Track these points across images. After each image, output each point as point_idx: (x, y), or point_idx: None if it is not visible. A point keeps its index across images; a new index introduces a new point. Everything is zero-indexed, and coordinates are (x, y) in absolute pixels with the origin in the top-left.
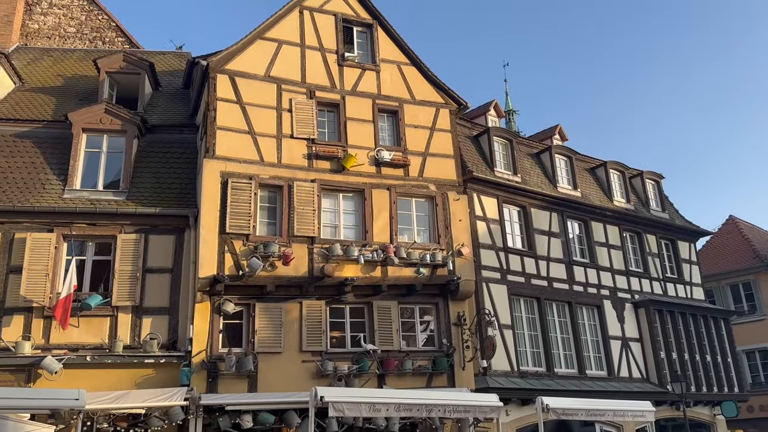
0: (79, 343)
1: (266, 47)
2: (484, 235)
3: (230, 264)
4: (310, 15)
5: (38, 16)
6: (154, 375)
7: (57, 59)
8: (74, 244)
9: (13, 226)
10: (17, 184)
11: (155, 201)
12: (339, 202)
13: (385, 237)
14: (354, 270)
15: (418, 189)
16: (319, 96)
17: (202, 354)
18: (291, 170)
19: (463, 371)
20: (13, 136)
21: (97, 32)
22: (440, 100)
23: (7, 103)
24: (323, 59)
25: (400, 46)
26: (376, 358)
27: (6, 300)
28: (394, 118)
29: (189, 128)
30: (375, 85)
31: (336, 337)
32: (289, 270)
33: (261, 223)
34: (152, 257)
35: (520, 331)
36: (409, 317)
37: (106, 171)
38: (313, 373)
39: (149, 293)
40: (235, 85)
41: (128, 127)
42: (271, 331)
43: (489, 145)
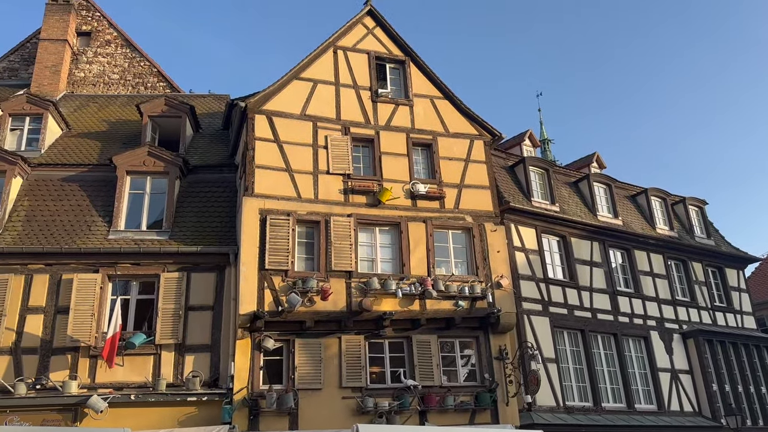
0: (124, 381)
1: (302, 87)
2: (524, 266)
3: (270, 300)
4: (343, 54)
5: (84, 65)
6: (197, 413)
7: (102, 105)
8: (119, 284)
9: (60, 267)
10: (64, 227)
11: (197, 239)
12: (375, 235)
13: (422, 270)
14: (392, 304)
15: (454, 221)
16: (354, 132)
17: (244, 391)
18: (328, 205)
19: (507, 407)
20: (60, 180)
21: (139, 78)
22: (474, 132)
23: (55, 149)
24: (357, 96)
25: (433, 80)
26: (416, 394)
27: (54, 340)
28: (429, 151)
29: (228, 168)
30: (409, 119)
31: (375, 373)
32: (328, 305)
33: (299, 259)
34: (194, 295)
35: (564, 364)
36: (449, 351)
37: (149, 211)
38: (353, 410)
39: (191, 331)
40: (273, 124)
41: (170, 169)
42: (311, 367)
43: (525, 175)
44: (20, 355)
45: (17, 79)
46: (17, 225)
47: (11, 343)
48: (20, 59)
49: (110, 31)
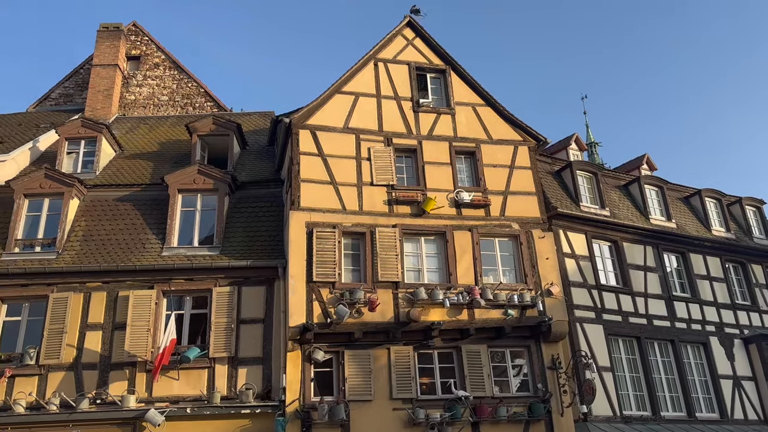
0: (180, 395)
1: (344, 100)
2: (574, 273)
3: (318, 312)
4: (384, 66)
5: (134, 88)
6: (251, 425)
7: (152, 126)
8: (173, 300)
9: (117, 284)
10: (120, 245)
11: (246, 254)
12: (421, 245)
13: (469, 279)
14: (440, 314)
15: (500, 228)
16: (396, 143)
17: (296, 403)
18: (372, 217)
19: (561, 418)
20: (115, 200)
21: (187, 99)
22: (518, 138)
23: (109, 170)
24: (399, 107)
25: (474, 88)
26: (468, 404)
27: (112, 355)
28: (472, 159)
29: (275, 183)
30: (451, 127)
31: (425, 384)
32: (375, 316)
33: (346, 271)
34: (245, 308)
35: (620, 373)
36: (499, 361)
37: (200, 228)
38: (404, 422)
39: (243, 344)
40: (317, 138)
41: (219, 186)
42: (361, 378)
43: (573, 180)
44: (81, 371)
45: (72, 104)
46: (75, 245)
47: (72, 359)
48: (74, 85)
49: (158, 54)
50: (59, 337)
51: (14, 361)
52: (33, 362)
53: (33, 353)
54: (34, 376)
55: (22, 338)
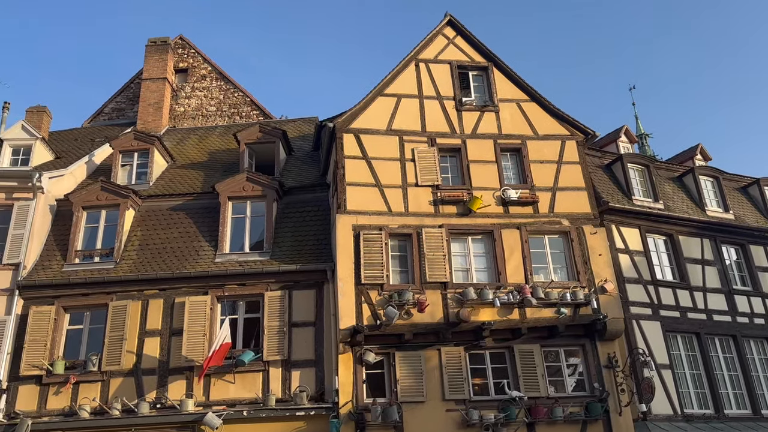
0: (236, 398)
1: (386, 103)
2: (629, 269)
3: (368, 314)
4: (425, 67)
5: (183, 100)
6: (306, 427)
7: (201, 136)
8: (227, 304)
9: (173, 291)
10: (174, 253)
11: (295, 258)
12: (468, 245)
13: (519, 277)
14: (490, 314)
15: (550, 225)
16: (440, 143)
17: (349, 405)
18: (418, 218)
19: (620, 417)
20: (168, 209)
21: (234, 108)
22: (565, 132)
23: (162, 181)
24: (441, 107)
25: (518, 83)
26: (522, 405)
27: (170, 361)
28: (518, 155)
29: (321, 187)
30: (495, 125)
31: (478, 385)
32: (425, 317)
33: (394, 272)
34: (296, 312)
35: (680, 370)
36: (553, 361)
37: (250, 234)
38: (458, 423)
39: (296, 347)
40: (360, 141)
41: (268, 192)
42: (413, 379)
43: (624, 173)
44: (141, 376)
45: (124, 118)
46: (132, 254)
47: (132, 365)
48: (126, 99)
49: (205, 66)
50: (119, 344)
51: (78, 368)
52: (95, 369)
53: (95, 360)
54: (97, 382)
55: (84, 346)
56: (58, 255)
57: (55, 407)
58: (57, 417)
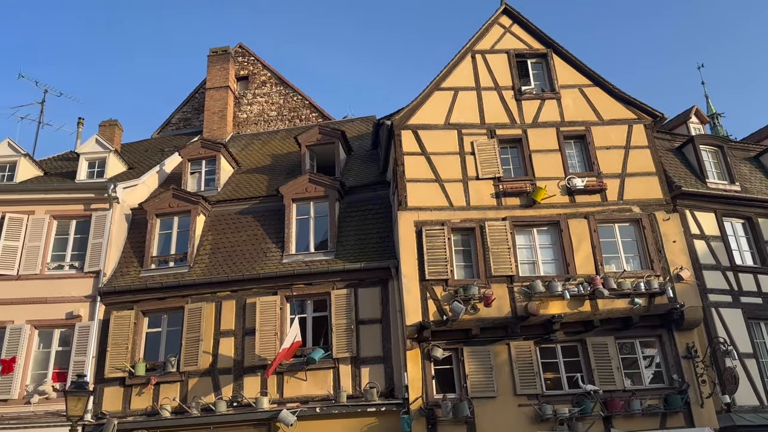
0: (308, 395)
1: (443, 97)
2: (705, 255)
3: (433, 310)
4: (482, 57)
5: (245, 107)
6: (377, 423)
7: (264, 141)
8: (295, 304)
9: (244, 293)
10: (244, 255)
11: (359, 256)
12: (534, 237)
13: (589, 268)
14: (560, 306)
15: (619, 213)
16: (500, 134)
17: (419, 401)
18: (481, 211)
19: (701, 409)
20: (236, 213)
21: (294, 112)
22: (632, 116)
23: (229, 186)
24: (500, 97)
25: (579, 68)
26: (598, 399)
27: (244, 360)
28: (582, 142)
29: (381, 185)
30: (557, 112)
31: (550, 379)
32: (492, 311)
33: (458, 267)
34: (362, 309)
35: (765, 359)
36: (629, 353)
37: (315, 234)
38: (531, 418)
39: (364, 344)
40: (419, 137)
41: (330, 192)
42: (483, 375)
43: (696, 156)
44: (217, 376)
45: (191, 127)
46: (204, 258)
47: (209, 365)
48: (191, 109)
49: (264, 72)
50: (196, 345)
51: (158, 369)
52: (174, 369)
53: (174, 361)
54: (176, 383)
55: (163, 348)
56: (135, 261)
57: (138, 407)
58: (140, 416)
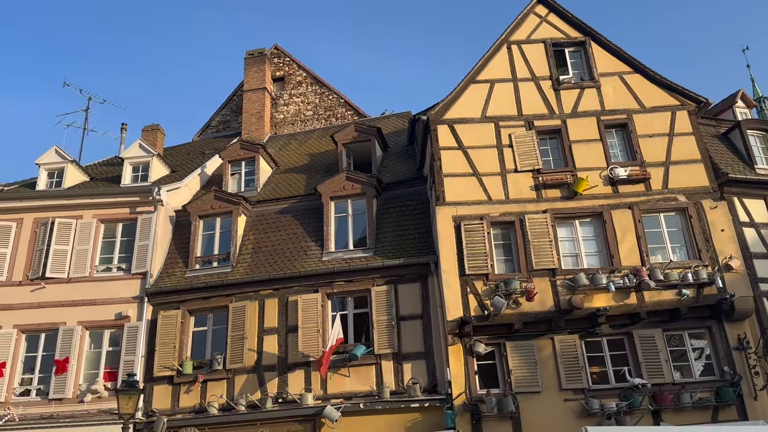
0: (352, 391)
1: (479, 90)
2: (756, 244)
3: (474, 305)
4: (518, 48)
5: (282, 108)
6: (421, 419)
7: (301, 141)
8: (336, 301)
9: (285, 291)
10: (284, 254)
11: (398, 252)
12: (576, 229)
13: (634, 260)
14: (605, 299)
15: (665, 202)
16: (538, 125)
17: (462, 396)
18: (520, 204)
19: (755, 402)
20: (276, 213)
21: (330, 110)
22: (675, 103)
23: (268, 186)
24: (537, 88)
25: (619, 55)
26: (646, 392)
27: (288, 357)
28: (624, 131)
29: (418, 181)
30: (597, 101)
31: (596, 373)
32: (534, 305)
33: (498, 261)
34: (403, 305)
35: None
36: (677, 345)
37: (353, 231)
38: (577, 412)
39: (405, 340)
40: (455, 132)
41: (367, 190)
42: (527, 370)
43: (743, 141)
44: (262, 373)
45: (230, 129)
46: (246, 257)
47: (254, 362)
48: (230, 111)
49: (300, 73)
50: (241, 343)
51: (205, 367)
52: (221, 367)
53: (220, 359)
54: (223, 380)
55: (209, 346)
56: (180, 262)
57: (186, 405)
58: (189, 414)
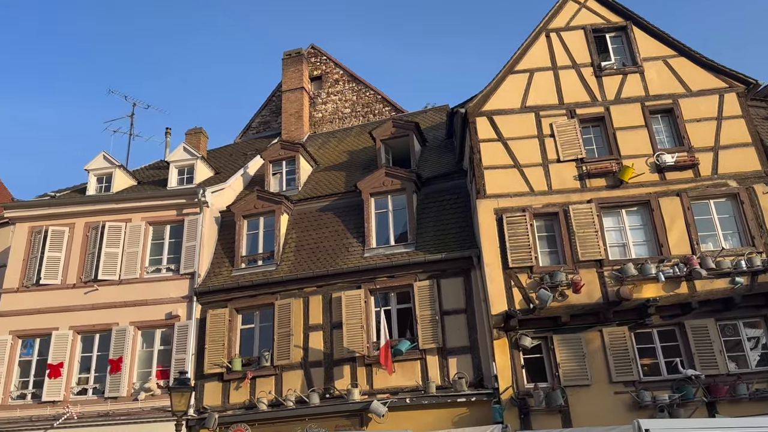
0: (398, 386)
1: (518, 80)
2: None
3: (519, 298)
4: (557, 36)
5: (320, 106)
6: (468, 413)
7: (340, 139)
8: (379, 296)
9: (329, 287)
10: (327, 251)
11: (440, 247)
12: (622, 218)
13: (684, 248)
14: (654, 289)
15: (714, 188)
16: (580, 113)
17: (510, 390)
18: (564, 195)
19: None
20: (317, 210)
21: (367, 107)
22: (722, 85)
23: (309, 185)
24: (578, 75)
25: (662, 39)
26: (700, 384)
27: (333, 353)
28: (670, 116)
29: (458, 174)
30: (641, 86)
31: (647, 365)
32: (581, 297)
33: (542, 253)
34: (446, 300)
35: None
36: (731, 335)
37: (394, 227)
38: (628, 405)
39: (449, 334)
40: (494, 123)
41: (406, 185)
42: (575, 363)
43: None
44: (309, 369)
45: (270, 129)
46: (290, 255)
47: (300, 359)
48: (270, 112)
49: (337, 71)
50: (287, 340)
51: (253, 364)
52: (268, 364)
53: (267, 356)
54: (271, 376)
55: (257, 343)
56: (226, 261)
57: (236, 401)
58: (239, 410)
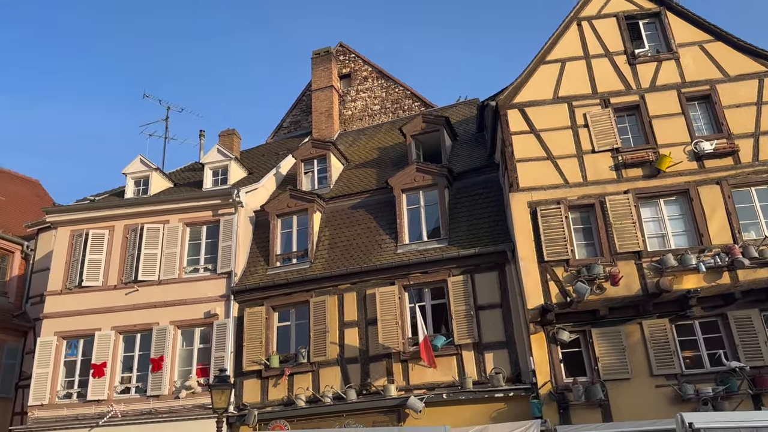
0: (434, 382)
1: (549, 70)
2: None
3: (555, 292)
4: (589, 24)
5: (350, 104)
6: (506, 408)
7: (370, 136)
8: (413, 292)
9: (363, 284)
10: (360, 248)
11: (473, 242)
12: (661, 208)
13: (725, 237)
14: (695, 280)
15: (756, 175)
16: (614, 102)
17: (548, 385)
18: (599, 186)
19: None
20: (349, 208)
21: (396, 103)
22: (762, 69)
23: (340, 182)
24: (612, 63)
25: (697, 24)
26: (745, 376)
27: (369, 349)
28: (708, 103)
29: (490, 168)
30: (676, 73)
31: (689, 357)
32: (620, 290)
33: (578, 246)
34: (480, 295)
35: None
36: None
37: (426, 222)
38: (670, 398)
39: (485, 329)
40: (526, 115)
41: (438, 180)
42: (614, 356)
43: None
44: (345, 365)
45: (301, 129)
46: (323, 253)
47: (336, 355)
48: (300, 112)
49: (365, 68)
50: (323, 337)
51: (290, 361)
52: (305, 361)
53: (304, 353)
54: (308, 373)
55: (293, 340)
56: (261, 260)
57: (275, 398)
58: (278, 406)
